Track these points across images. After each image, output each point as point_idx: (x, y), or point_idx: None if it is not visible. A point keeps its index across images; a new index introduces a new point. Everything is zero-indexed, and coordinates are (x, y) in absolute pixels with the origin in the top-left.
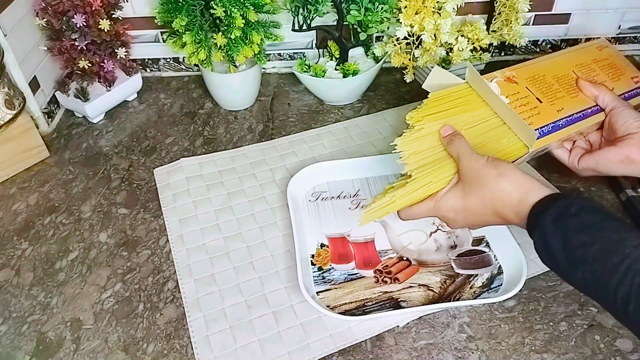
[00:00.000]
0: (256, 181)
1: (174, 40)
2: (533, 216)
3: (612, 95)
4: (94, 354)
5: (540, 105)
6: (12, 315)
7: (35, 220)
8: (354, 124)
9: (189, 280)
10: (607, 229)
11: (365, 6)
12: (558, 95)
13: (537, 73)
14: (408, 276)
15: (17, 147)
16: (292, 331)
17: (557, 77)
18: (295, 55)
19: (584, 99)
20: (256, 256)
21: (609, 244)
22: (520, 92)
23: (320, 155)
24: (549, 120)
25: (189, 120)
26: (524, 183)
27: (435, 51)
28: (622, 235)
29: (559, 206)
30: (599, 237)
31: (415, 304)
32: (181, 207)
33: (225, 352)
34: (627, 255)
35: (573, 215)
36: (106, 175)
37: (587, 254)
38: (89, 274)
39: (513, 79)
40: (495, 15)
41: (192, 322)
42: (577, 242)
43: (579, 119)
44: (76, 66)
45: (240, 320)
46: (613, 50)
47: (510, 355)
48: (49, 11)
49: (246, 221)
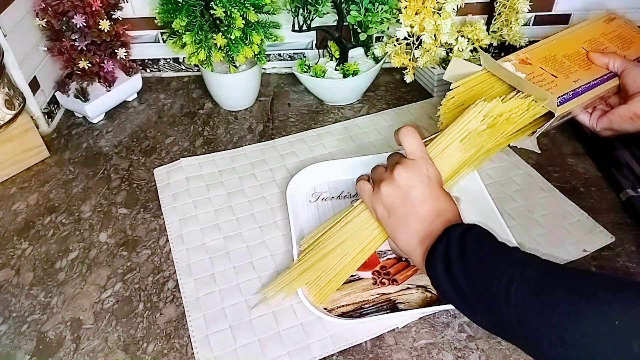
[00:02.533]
0: (256, 181)
1: (174, 40)
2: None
3: (621, 59)
4: (94, 353)
5: (557, 79)
6: (12, 315)
7: (35, 220)
8: (354, 124)
9: (189, 280)
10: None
11: (365, 7)
12: (571, 70)
13: (549, 53)
14: (407, 277)
15: (17, 147)
16: (292, 331)
17: (567, 55)
18: (295, 55)
19: (597, 69)
20: (256, 256)
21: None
22: (536, 72)
23: (321, 155)
24: (567, 89)
25: (189, 121)
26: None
27: (435, 51)
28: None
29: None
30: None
31: (412, 306)
32: (181, 207)
33: (225, 351)
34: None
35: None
36: (106, 175)
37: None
38: (89, 273)
39: (527, 60)
40: (495, 16)
41: (192, 321)
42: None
43: (597, 85)
44: (76, 66)
45: (240, 320)
46: (621, 21)
47: (511, 355)
48: (48, 12)
49: (246, 221)
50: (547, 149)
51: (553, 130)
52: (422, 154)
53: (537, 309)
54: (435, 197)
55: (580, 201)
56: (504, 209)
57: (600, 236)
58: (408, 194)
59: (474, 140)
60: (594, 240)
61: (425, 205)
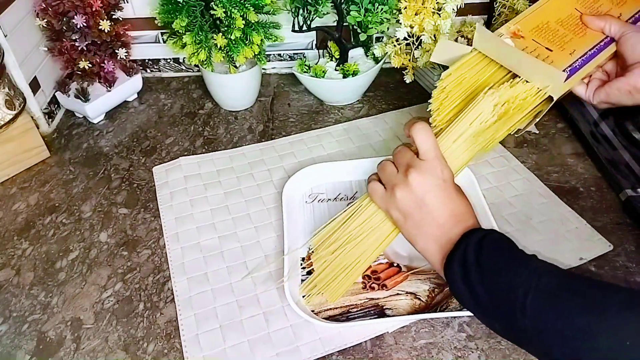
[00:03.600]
0: (254, 181)
1: (174, 40)
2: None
3: (618, 22)
4: (94, 353)
5: (552, 53)
6: (13, 315)
7: (35, 220)
8: (354, 126)
9: (182, 278)
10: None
11: (365, 7)
12: (566, 39)
13: (541, 21)
14: (397, 283)
15: (17, 147)
16: (282, 333)
17: (560, 20)
18: (295, 55)
19: (593, 34)
20: (250, 256)
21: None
22: (529, 46)
23: (319, 156)
24: (564, 65)
25: (189, 121)
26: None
27: None
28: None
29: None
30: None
31: (400, 312)
32: (178, 205)
33: (214, 351)
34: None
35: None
36: (106, 175)
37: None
38: (90, 273)
39: (519, 33)
40: (495, 16)
41: (182, 320)
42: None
43: (594, 55)
44: (76, 67)
45: (231, 320)
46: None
47: (510, 355)
48: (49, 12)
49: (242, 221)
50: (547, 149)
51: (553, 131)
52: (435, 154)
53: (552, 322)
54: (452, 201)
55: (580, 201)
56: (502, 214)
57: (598, 244)
58: (424, 199)
59: (485, 133)
60: (591, 248)
61: (442, 210)
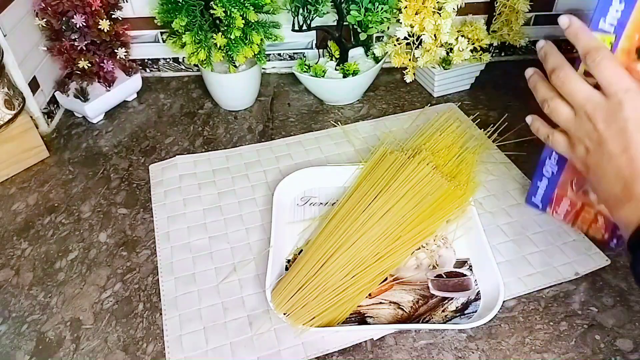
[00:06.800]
0: (248, 182)
1: (174, 40)
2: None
3: None
4: (94, 353)
5: None
6: (12, 315)
7: (34, 220)
8: (354, 129)
9: (170, 278)
10: None
11: (365, 6)
12: None
13: None
14: (381, 292)
15: (16, 147)
16: (265, 337)
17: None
18: (295, 55)
19: None
20: (238, 258)
21: None
22: None
23: (316, 159)
24: None
25: (188, 121)
26: None
27: (435, 51)
28: None
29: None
30: None
31: (381, 321)
32: (171, 204)
33: (196, 353)
34: None
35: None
36: (106, 176)
37: None
38: (89, 273)
39: None
40: (496, 16)
41: (167, 320)
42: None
43: None
44: (76, 66)
45: (214, 322)
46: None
47: (511, 355)
48: (48, 11)
49: (233, 222)
50: None
51: None
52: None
53: None
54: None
55: None
56: (498, 224)
57: (595, 258)
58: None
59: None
60: (588, 262)
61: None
